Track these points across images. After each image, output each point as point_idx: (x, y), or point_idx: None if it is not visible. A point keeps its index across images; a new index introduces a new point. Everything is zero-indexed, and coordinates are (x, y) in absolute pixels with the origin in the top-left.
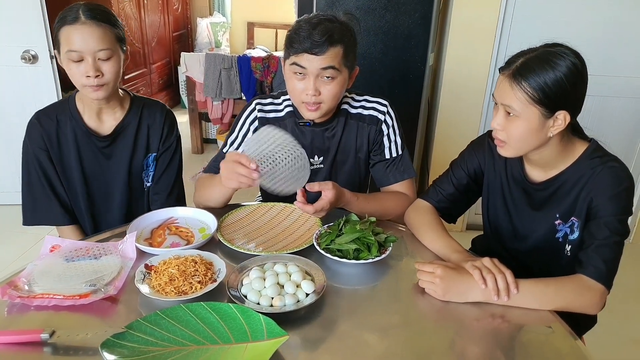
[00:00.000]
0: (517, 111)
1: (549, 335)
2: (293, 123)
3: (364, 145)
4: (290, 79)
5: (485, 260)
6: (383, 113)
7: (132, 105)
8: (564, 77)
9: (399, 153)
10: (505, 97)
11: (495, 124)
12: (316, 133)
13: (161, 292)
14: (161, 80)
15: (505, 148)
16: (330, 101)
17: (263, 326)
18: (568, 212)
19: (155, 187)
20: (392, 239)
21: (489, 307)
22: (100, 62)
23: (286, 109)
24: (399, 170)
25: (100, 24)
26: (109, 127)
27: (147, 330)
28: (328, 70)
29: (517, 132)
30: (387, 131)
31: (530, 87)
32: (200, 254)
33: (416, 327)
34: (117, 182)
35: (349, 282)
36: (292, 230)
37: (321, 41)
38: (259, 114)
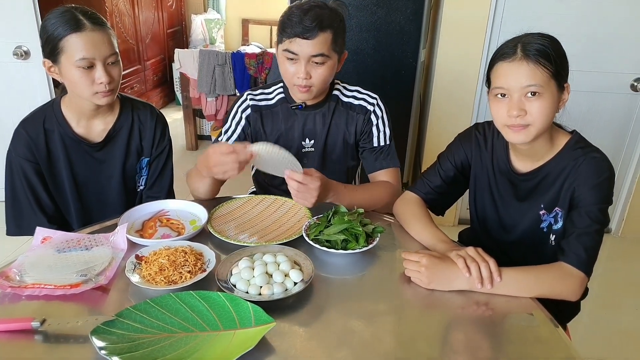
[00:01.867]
0: (541, 87)
1: (531, 321)
2: (285, 108)
3: (352, 133)
4: (282, 62)
5: (470, 249)
6: (372, 105)
7: (123, 109)
8: (560, 48)
9: (387, 143)
10: (525, 79)
11: (515, 111)
12: (307, 116)
13: (151, 282)
14: (155, 77)
15: (528, 131)
16: (320, 84)
17: (251, 313)
18: (552, 203)
19: (149, 191)
20: (379, 229)
21: (473, 295)
22: (109, 66)
23: (277, 97)
24: (386, 158)
25: (104, 29)
26: (100, 133)
27: (136, 318)
28: (318, 57)
29: (542, 110)
30: (376, 121)
31: (546, 61)
32: (190, 244)
33: (402, 315)
34: (111, 186)
35: (337, 271)
36: (282, 222)
37: (312, 26)
38: (250, 102)
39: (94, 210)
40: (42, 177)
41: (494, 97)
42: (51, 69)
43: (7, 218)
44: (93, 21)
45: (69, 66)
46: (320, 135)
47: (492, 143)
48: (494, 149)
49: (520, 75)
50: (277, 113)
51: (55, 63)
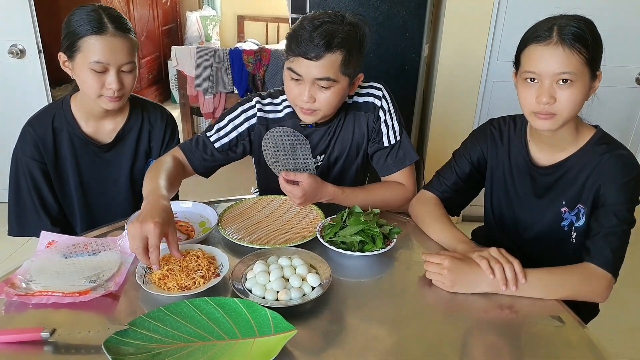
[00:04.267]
0: (575, 75)
1: (558, 325)
2: (294, 124)
3: (364, 136)
4: (286, 80)
5: (493, 250)
6: (379, 98)
7: (133, 110)
8: (597, 32)
9: (398, 139)
10: (558, 65)
11: (545, 97)
12: (318, 133)
13: (163, 288)
14: (150, 75)
15: (555, 119)
16: (326, 109)
17: (270, 321)
18: (574, 199)
19: None
20: (396, 230)
21: (497, 297)
22: (123, 74)
23: (285, 110)
24: (400, 158)
25: (127, 36)
26: (109, 134)
27: (150, 327)
28: (323, 81)
29: (573, 99)
30: (384, 117)
31: (582, 47)
32: (202, 248)
33: (425, 320)
34: (118, 188)
35: (354, 274)
36: (294, 223)
37: (318, 45)
38: (259, 112)
39: (100, 212)
40: (48, 177)
41: (523, 80)
42: (65, 64)
43: (9, 218)
44: (117, 26)
45: (83, 66)
46: (329, 150)
47: (508, 138)
48: (511, 144)
49: (555, 61)
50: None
51: (70, 59)
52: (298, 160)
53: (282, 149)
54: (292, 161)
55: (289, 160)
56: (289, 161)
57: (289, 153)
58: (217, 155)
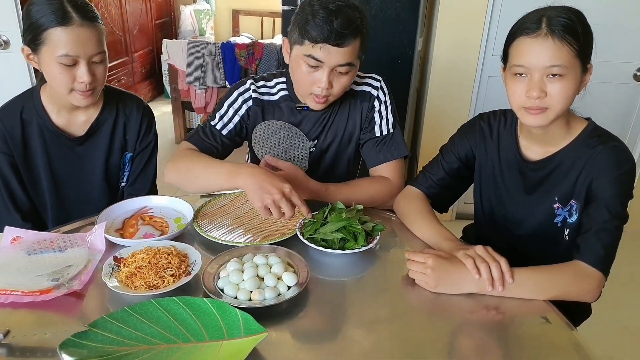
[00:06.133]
0: (565, 69)
1: (545, 327)
2: (288, 107)
3: (357, 125)
4: (298, 68)
5: (479, 248)
6: (376, 88)
7: (107, 101)
8: (587, 23)
9: (390, 131)
10: (548, 58)
11: (535, 92)
12: (313, 117)
13: (130, 287)
14: (144, 69)
15: (546, 114)
16: (339, 94)
17: (240, 322)
18: (567, 195)
19: (130, 187)
20: (380, 227)
21: (483, 298)
22: (94, 65)
23: (280, 93)
24: (389, 150)
25: (94, 25)
26: (82, 126)
27: (112, 328)
28: (345, 67)
29: (564, 92)
30: (378, 107)
31: (572, 39)
32: (174, 245)
33: (406, 321)
34: (92, 183)
35: (334, 273)
36: (274, 219)
37: (345, 32)
38: (253, 94)
39: (73, 208)
40: (18, 171)
41: (512, 75)
42: (30, 57)
43: None
44: (83, 15)
45: (50, 60)
46: (322, 136)
47: (498, 132)
48: (500, 138)
49: (544, 53)
50: (280, 110)
51: (35, 52)
52: (290, 154)
53: (277, 139)
54: (284, 154)
55: (280, 151)
56: (280, 153)
57: (283, 145)
58: (227, 143)
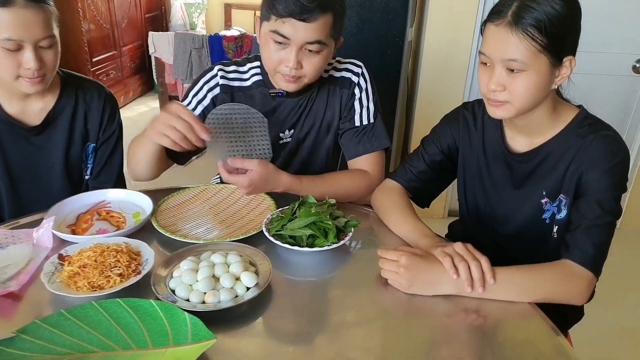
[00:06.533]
0: (524, 64)
1: (529, 332)
2: (262, 94)
3: (336, 113)
4: (266, 45)
5: (457, 245)
6: (357, 75)
7: (65, 87)
8: (567, 13)
9: (371, 121)
10: (506, 51)
11: (493, 85)
12: (289, 104)
13: (71, 287)
14: (133, 64)
15: (506, 108)
16: (312, 76)
17: (188, 327)
18: (556, 189)
19: (94, 180)
20: (353, 223)
21: (462, 300)
22: (41, 50)
23: (253, 78)
24: (369, 140)
25: (41, 6)
26: (37, 115)
27: (44, 334)
28: (314, 45)
29: (523, 88)
30: (359, 95)
31: (537, 33)
32: (127, 242)
33: (375, 326)
34: (52, 176)
35: (302, 273)
36: (241, 215)
37: (312, 6)
38: (221, 80)
39: (32, 203)
40: None
41: (480, 62)
42: None
43: None
44: None
45: None
46: (299, 125)
47: (482, 122)
48: (485, 129)
49: (502, 45)
50: (251, 97)
51: None
52: (250, 143)
53: (231, 130)
54: (242, 145)
55: (238, 143)
56: (238, 145)
57: (240, 135)
58: None
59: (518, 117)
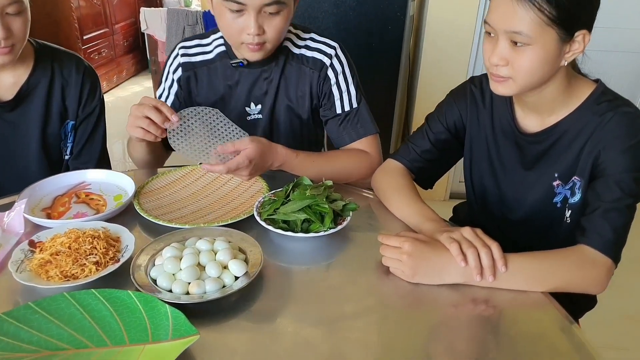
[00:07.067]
0: (529, 37)
1: (542, 323)
2: (225, 65)
3: (306, 94)
4: (222, 16)
5: (465, 230)
6: (329, 56)
7: (39, 60)
8: None
9: (354, 106)
10: (510, 21)
11: (495, 58)
12: (252, 75)
13: (42, 277)
14: (126, 42)
15: (508, 84)
16: (276, 39)
17: (169, 321)
18: (569, 171)
19: (75, 161)
20: (351, 206)
21: (470, 289)
22: (8, 17)
23: (216, 50)
24: (354, 127)
25: None
26: (9, 90)
27: (9, 329)
28: (272, 6)
29: (527, 64)
30: (334, 79)
31: (545, 3)
32: (106, 226)
33: (376, 318)
34: (29, 156)
35: (295, 260)
36: (231, 197)
37: None
38: (182, 59)
39: (7, 183)
40: None
41: (485, 32)
42: None
43: None
44: None
45: None
46: (268, 99)
47: (490, 99)
48: (494, 106)
49: (506, 15)
50: (215, 70)
51: None
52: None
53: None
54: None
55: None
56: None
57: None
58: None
59: (527, 94)
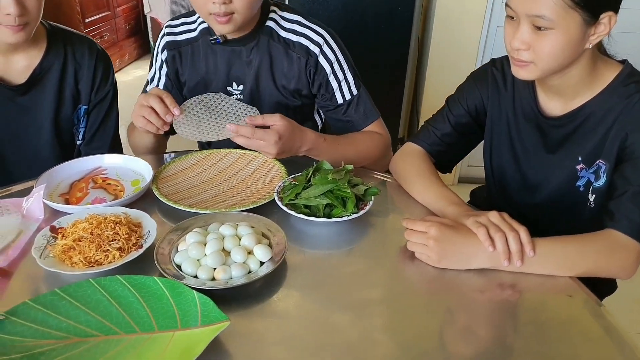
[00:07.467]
0: (551, 21)
1: (571, 307)
2: (205, 43)
3: (292, 80)
4: None
5: (492, 215)
6: (318, 44)
7: (52, 42)
8: None
9: (354, 93)
10: (532, 5)
11: (517, 42)
12: (232, 54)
13: (66, 263)
14: (128, 25)
15: (530, 69)
16: (244, 10)
17: (197, 308)
18: (593, 154)
19: (87, 146)
20: (373, 191)
21: (496, 274)
22: None
23: (200, 27)
24: (359, 115)
25: None
26: (22, 73)
27: (37, 316)
28: None
29: (550, 48)
30: (330, 69)
31: None
32: (126, 212)
33: (403, 303)
34: (41, 141)
35: (318, 246)
36: (250, 182)
37: None
38: (167, 37)
39: (19, 168)
40: None
41: (506, 16)
42: None
43: None
44: None
45: None
46: (249, 80)
47: (512, 82)
48: (516, 89)
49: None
50: (197, 49)
51: None
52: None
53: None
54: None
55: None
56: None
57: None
58: None
59: (550, 78)
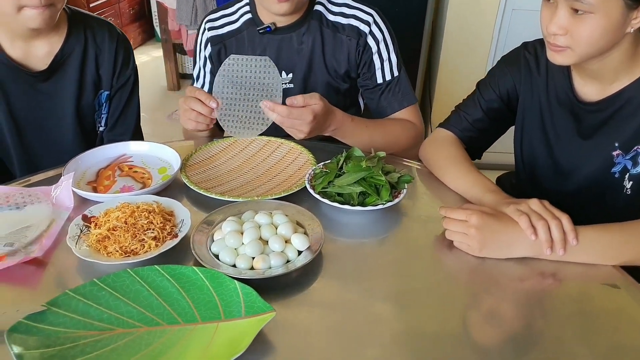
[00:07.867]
0: (591, 5)
1: (616, 296)
2: (250, 34)
3: (342, 63)
4: None
5: (533, 202)
6: (367, 24)
7: (72, 27)
8: None
9: (395, 75)
10: None
11: (554, 27)
12: (282, 42)
13: (102, 253)
14: (132, 10)
15: (567, 54)
16: None
17: (240, 298)
18: (632, 140)
19: (110, 133)
20: (407, 178)
21: (537, 263)
22: None
23: (242, 18)
24: (396, 97)
25: None
26: (44, 59)
27: (78, 306)
28: None
29: (589, 33)
30: (376, 48)
31: None
32: (157, 200)
33: (444, 293)
34: (63, 127)
35: (352, 234)
36: (279, 169)
37: None
38: (209, 33)
39: (42, 156)
40: None
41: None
42: None
43: None
44: None
45: None
46: (299, 67)
47: (546, 65)
48: (550, 73)
49: None
50: (242, 40)
51: None
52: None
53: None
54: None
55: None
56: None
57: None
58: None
59: (587, 62)
